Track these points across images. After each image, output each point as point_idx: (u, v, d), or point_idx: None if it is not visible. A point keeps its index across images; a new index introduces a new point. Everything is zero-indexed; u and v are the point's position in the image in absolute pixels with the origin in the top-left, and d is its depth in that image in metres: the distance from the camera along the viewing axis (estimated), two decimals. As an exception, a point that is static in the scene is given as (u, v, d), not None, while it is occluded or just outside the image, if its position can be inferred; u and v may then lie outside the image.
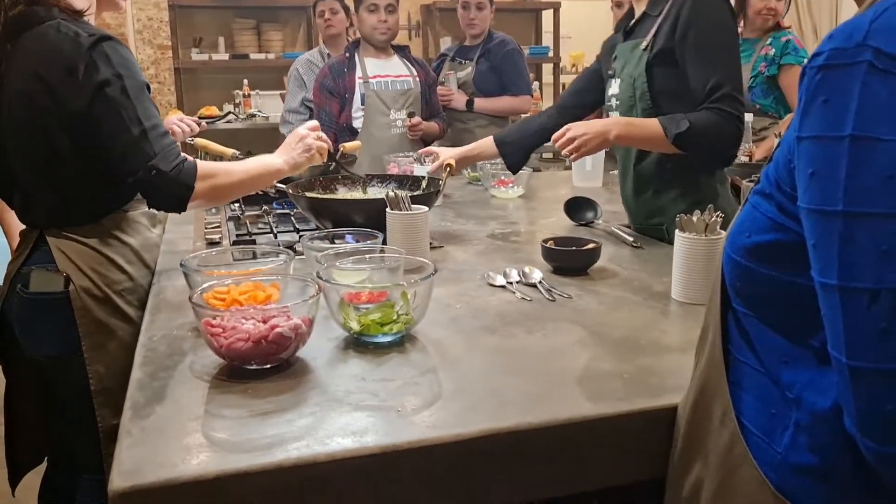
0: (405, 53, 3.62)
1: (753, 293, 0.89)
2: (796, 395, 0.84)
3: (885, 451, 0.70)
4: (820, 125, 0.74)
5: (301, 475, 0.96)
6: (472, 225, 2.34)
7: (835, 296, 0.72)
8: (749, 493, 0.87)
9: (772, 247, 0.84)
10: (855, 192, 0.71)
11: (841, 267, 0.71)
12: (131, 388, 1.16)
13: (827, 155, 0.73)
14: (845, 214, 0.71)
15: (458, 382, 1.18)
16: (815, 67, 0.75)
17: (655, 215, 2.09)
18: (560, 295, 1.59)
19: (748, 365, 0.90)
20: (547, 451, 1.07)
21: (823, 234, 0.73)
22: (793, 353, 0.85)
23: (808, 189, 0.75)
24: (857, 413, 0.71)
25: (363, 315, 1.31)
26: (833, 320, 0.73)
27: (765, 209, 0.86)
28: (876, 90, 0.70)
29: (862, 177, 0.70)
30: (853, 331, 0.71)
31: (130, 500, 0.90)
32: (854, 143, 0.71)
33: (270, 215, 2.36)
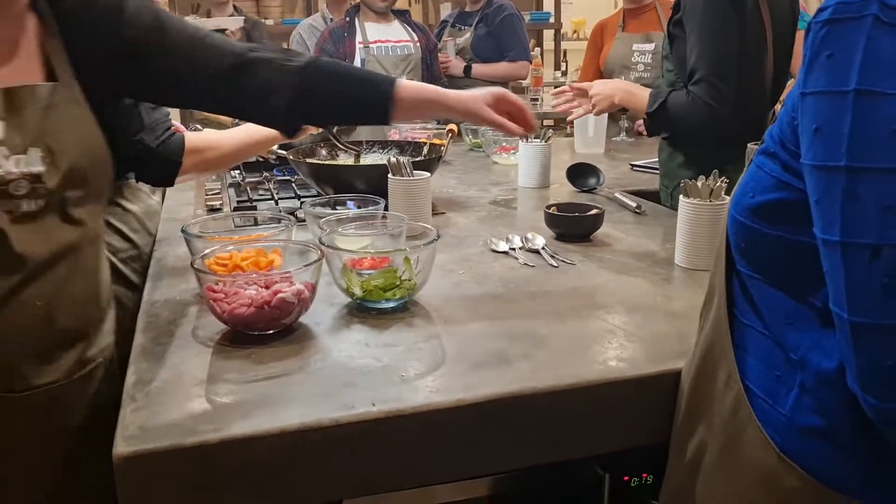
0: (406, 18, 3.59)
1: (758, 254, 0.88)
2: (801, 357, 0.84)
3: (886, 406, 0.70)
4: (825, 80, 0.73)
5: (304, 440, 0.96)
6: (474, 191, 2.33)
7: (837, 252, 0.72)
8: (753, 455, 0.87)
9: (776, 206, 0.84)
10: (858, 148, 0.70)
11: (843, 223, 0.71)
12: (134, 354, 1.16)
13: (831, 110, 0.72)
14: (848, 170, 0.70)
15: (460, 348, 1.18)
16: (819, 22, 0.74)
17: (668, 177, 2.14)
18: (563, 261, 1.59)
19: (752, 328, 0.90)
20: (550, 417, 1.07)
21: (826, 190, 0.73)
22: (797, 314, 0.85)
23: (812, 145, 0.74)
24: (858, 369, 0.71)
25: (366, 281, 1.31)
26: (835, 277, 0.72)
27: (769, 168, 0.85)
28: (881, 44, 0.69)
29: (865, 132, 0.70)
30: (855, 287, 0.70)
31: (134, 465, 0.91)
32: (858, 97, 0.70)
33: (271, 182, 2.35)
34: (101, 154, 1.25)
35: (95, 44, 1.26)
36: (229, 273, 1.29)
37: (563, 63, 6.86)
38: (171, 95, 1.41)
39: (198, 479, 0.94)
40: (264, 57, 1.37)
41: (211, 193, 2.16)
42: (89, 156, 1.22)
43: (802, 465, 0.83)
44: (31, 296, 1.17)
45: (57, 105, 1.18)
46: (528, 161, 2.35)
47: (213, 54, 1.35)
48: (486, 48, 3.94)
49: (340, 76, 1.43)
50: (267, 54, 1.38)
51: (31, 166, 1.13)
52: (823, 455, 0.82)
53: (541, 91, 5.50)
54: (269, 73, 1.36)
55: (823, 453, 0.82)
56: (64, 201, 1.19)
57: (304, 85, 1.37)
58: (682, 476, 1.02)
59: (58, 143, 1.16)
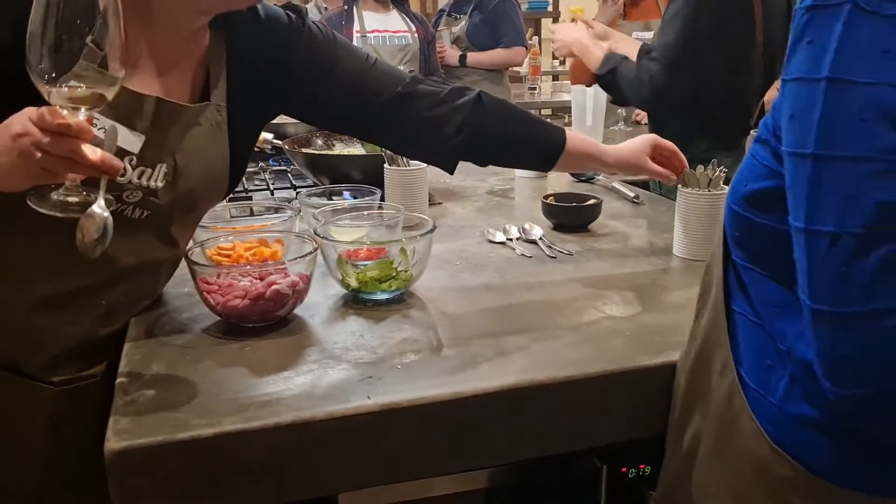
0: (404, 8, 3.57)
1: (751, 242, 0.89)
2: (788, 347, 0.84)
3: (845, 393, 0.70)
4: (803, 67, 0.73)
5: (299, 434, 0.95)
6: (471, 181, 2.31)
7: (801, 238, 0.72)
8: (746, 445, 0.87)
9: (767, 194, 0.84)
10: (826, 135, 0.70)
11: (807, 209, 0.71)
12: (127, 347, 1.15)
13: (805, 97, 0.72)
14: (815, 157, 0.70)
15: (457, 340, 1.17)
16: (803, 8, 0.74)
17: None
18: (560, 251, 1.58)
19: (745, 317, 0.90)
20: (547, 409, 1.06)
21: (796, 176, 0.73)
22: (785, 303, 0.84)
23: (789, 132, 0.75)
24: (818, 355, 0.71)
25: (361, 272, 1.30)
26: (800, 262, 0.73)
27: (761, 157, 0.86)
28: (858, 32, 0.69)
29: (834, 120, 0.70)
30: (815, 273, 0.71)
31: (126, 460, 0.90)
32: (830, 84, 0.70)
33: (267, 172, 2.33)
34: (221, 181, 1.25)
35: (261, 69, 1.26)
36: (234, 263, 1.28)
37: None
38: (330, 121, 1.42)
39: (191, 474, 0.93)
40: (432, 90, 1.37)
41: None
42: (209, 180, 1.22)
43: (794, 454, 0.82)
44: (100, 296, 1.18)
45: (199, 126, 1.17)
46: None
47: (381, 83, 1.34)
48: (481, 36, 3.92)
49: (513, 116, 1.43)
50: (435, 87, 1.37)
51: (151, 180, 1.12)
52: (814, 445, 0.82)
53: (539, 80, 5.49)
54: (438, 106, 1.36)
55: (814, 443, 0.82)
56: (169, 219, 1.20)
57: (474, 121, 1.36)
58: (678, 466, 1.01)
59: (185, 163, 1.16)
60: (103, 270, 1.15)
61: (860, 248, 0.67)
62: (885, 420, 0.72)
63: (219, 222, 1.55)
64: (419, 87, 1.36)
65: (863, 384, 0.69)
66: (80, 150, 0.85)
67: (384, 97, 1.33)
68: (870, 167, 0.67)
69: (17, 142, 0.85)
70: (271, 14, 1.28)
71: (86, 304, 1.18)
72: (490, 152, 1.45)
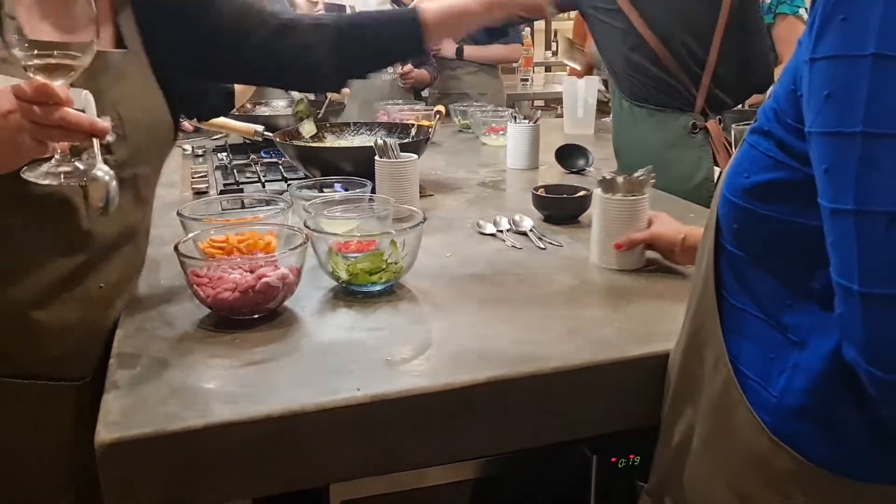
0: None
1: (753, 236, 0.87)
2: (801, 338, 0.82)
3: (891, 378, 0.68)
4: (839, 44, 0.70)
5: (289, 425, 0.95)
6: (462, 173, 2.32)
7: (849, 221, 0.69)
8: (744, 438, 0.87)
9: (772, 186, 0.82)
10: (877, 113, 0.67)
11: (858, 190, 0.68)
12: (117, 340, 1.15)
13: (847, 75, 0.70)
14: (865, 135, 0.68)
15: (447, 331, 1.17)
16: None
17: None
18: (550, 243, 1.58)
19: (746, 311, 0.89)
20: (537, 400, 1.07)
21: (838, 157, 0.70)
22: (794, 295, 0.83)
23: (822, 112, 0.72)
24: (866, 341, 0.69)
25: (352, 264, 1.30)
26: (843, 247, 0.70)
27: (764, 147, 0.83)
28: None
29: (885, 96, 0.67)
30: (869, 256, 0.68)
31: (117, 452, 0.90)
32: (877, 61, 0.67)
33: (258, 164, 2.33)
34: (167, 129, 1.27)
35: (166, 20, 1.27)
36: (228, 255, 1.28)
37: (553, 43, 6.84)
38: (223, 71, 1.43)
39: (182, 466, 0.93)
40: (298, 19, 1.40)
41: (197, 176, 2.14)
42: (156, 129, 1.24)
43: (794, 446, 0.82)
44: (95, 279, 1.18)
45: (128, 74, 1.18)
46: (516, 142, 2.34)
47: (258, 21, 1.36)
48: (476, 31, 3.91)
49: (367, 23, 1.46)
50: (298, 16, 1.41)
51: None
52: (815, 436, 0.82)
53: (531, 71, 5.48)
54: (307, 35, 1.38)
55: (815, 434, 0.82)
56: (136, 179, 1.21)
57: (342, 39, 1.40)
58: (670, 459, 1.01)
59: (128, 112, 1.17)
60: (80, 250, 1.15)
61: None
62: None
63: (211, 214, 1.55)
64: (286, 18, 1.39)
65: None
66: (69, 115, 0.89)
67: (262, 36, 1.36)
68: None
69: (9, 118, 0.88)
70: None
71: (80, 294, 1.17)
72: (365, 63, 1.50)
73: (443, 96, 3.82)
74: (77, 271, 1.16)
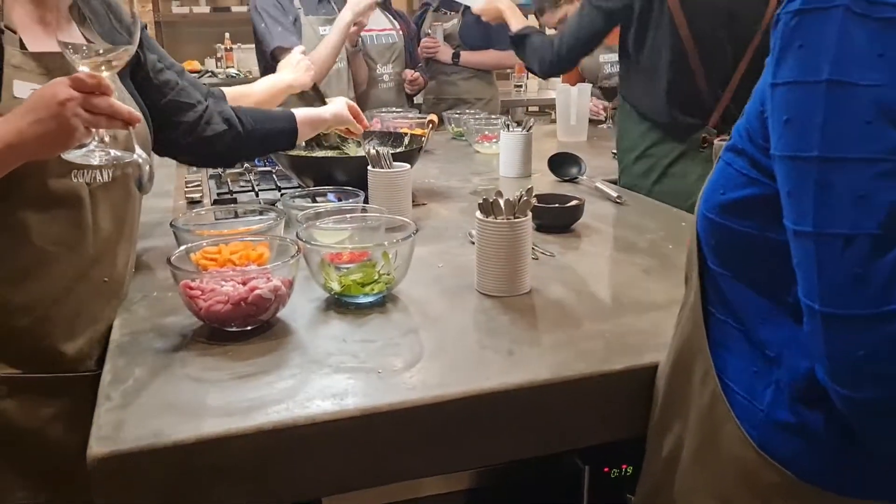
0: (387, 6, 3.56)
1: (729, 251, 0.88)
2: (776, 354, 0.84)
3: (858, 396, 0.70)
4: (796, 70, 0.73)
5: (281, 438, 0.96)
6: (455, 181, 2.32)
7: (810, 243, 0.72)
8: (731, 451, 0.87)
9: (746, 202, 0.84)
10: (832, 138, 0.70)
11: (816, 213, 0.71)
12: (110, 353, 1.15)
13: (803, 100, 0.72)
14: (821, 160, 0.70)
15: (439, 342, 1.18)
16: (790, 12, 0.74)
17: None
18: (542, 253, 1.59)
19: (729, 324, 0.90)
20: (528, 412, 1.07)
21: (798, 180, 0.73)
22: (770, 311, 0.85)
23: (783, 136, 0.74)
24: (829, 360, 0.71)
25: (344, 275, 1.30)
26: (807, 268, 0.72)
27: (738, 165, 0.85)
28: (854, 34, 0.70)
29: (839, 122, 0.70)
30: (827, 278, 0.70)
31: (109, 465, 0.90)
32: (831, 87, 0.70)
33: (252, 173, 2.33)
34: (145, 123, 1.35)
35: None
36: (222, 267, 1.28)
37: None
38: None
39: (174, 480, 0.93)
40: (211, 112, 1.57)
41: (191, 185, 2.14)
42: (141, 126, 1.29)
43: (780, 460, 0.83)
44: (100, 273, 1.27)
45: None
46: (509, 150, 2.35)
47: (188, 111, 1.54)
48: (473, 35, 3.90)
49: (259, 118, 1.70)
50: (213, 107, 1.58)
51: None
52: (801, 450, 0.82)
53: (524, 77, 5.49)
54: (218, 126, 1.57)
55: (801, 449, 0.82)
56: (126, 175, 1.29)
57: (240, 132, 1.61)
58: (658, 471, 1.02)
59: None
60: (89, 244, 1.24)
61: (876, 248, 0.68)
62: (886, 419, 0.72)
63: (204, 225, 1.55)
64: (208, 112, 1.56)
65: (879, 387, 0.69)
66: (116, 104, 1.06)
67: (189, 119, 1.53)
68: (880, 168, 0.68)
69: (67, 106, 1.01)
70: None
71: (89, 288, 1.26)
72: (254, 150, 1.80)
73: (438, 101, 3.82)
74: (85, 266, 1.24)
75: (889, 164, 0.68)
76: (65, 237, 1.21)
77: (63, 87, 1.02)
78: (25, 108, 1.03)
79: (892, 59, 0.68)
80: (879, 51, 0.69)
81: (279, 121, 1.73)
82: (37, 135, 1.02)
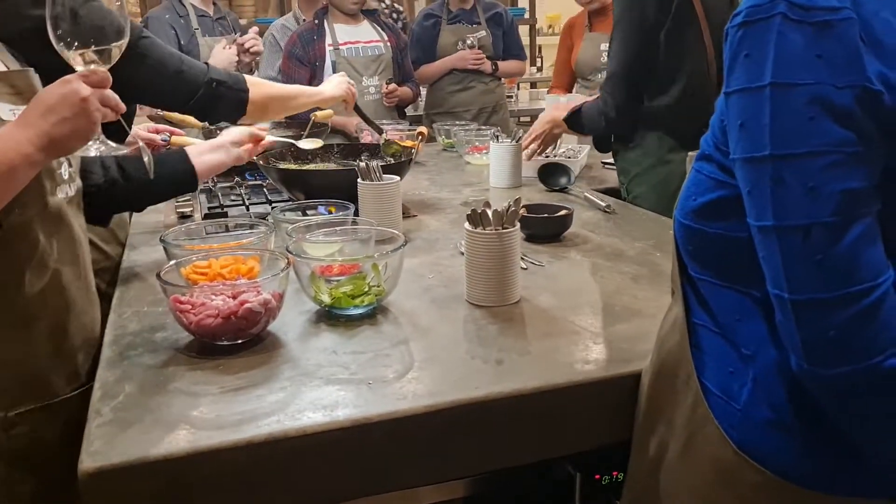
0: (375, 18, 3.58)
1: (704, 254, 0.92)
2: (752, 352, 0.87)
3: (833, 372, 0.74)
4: (744, 78, 0.78)
5: (272, 451, 0.96)
6: (445, 192, 2.33)
7: (772, 236, 0.76)
8: (712, 452, 0.89)
9: (716, 204, 0.88)
10: (779, 136, 0.75)
11: (774, 208, 0.76)
12: (101, 368, 1.16)
13: (752, 105, 0.77)
14: (773, 157, 0.75)
15: (429, 353, 1.19)
16: (735, 26, 0.80)
17: (621, 174, 2.28)
18: (532, 262, 1.60)
19: (705, 327, 0.93)
20: (519, 420, 1.08)
21: (756, 179, 0.77)
22: (745, 309, 0.88)
23: (740, 140, 0.79)
24: (803, 343, 0.75)
25: (334, 288, 1.31)
26: (772, 260, 0.77)
27: (707, 171, 0.90)
28: (791, 38, 0.75)
29: (784, 120, 0.75)
30: (792, 267, 0.75)
31: (100, 480, 0.91)
32: (774, 89, 0.75)
33: (242, 187, 2.34)
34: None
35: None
36: (212, 281, 1.29)
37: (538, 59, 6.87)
38: None
39: (166, 493, 0.94)
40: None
41: (182, 200, 2.14)
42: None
43: (758, 459, 0.85)
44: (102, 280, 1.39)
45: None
46: (498, 161, 2.36)
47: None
48: (496, 47, 4.00)
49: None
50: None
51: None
52: (778, 447, 0.84)
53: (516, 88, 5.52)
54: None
55: (778, 445, 0.84)
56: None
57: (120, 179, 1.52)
58: (644, 475, 1.03)
59: None
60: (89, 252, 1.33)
61: (832, 235, 0.73)
62: (862, 395, 0.75)
63: (194, 239, 1.56)
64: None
65: (846, 362, 0.73)
66: (116, 96, 1.12)
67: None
68: (826, 160, 0.73)
69: (90, 101, 1.07)
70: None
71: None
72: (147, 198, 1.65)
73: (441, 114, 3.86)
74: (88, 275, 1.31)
75: (833, 156, 0.73)
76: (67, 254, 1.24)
77: (81, 85, 1.07)
78: (44, 109, 1.06)
79: (829, 60, 0.73)
80: (817, 52, 0.74)
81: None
82: (65, 133, 1.07)
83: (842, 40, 0.73)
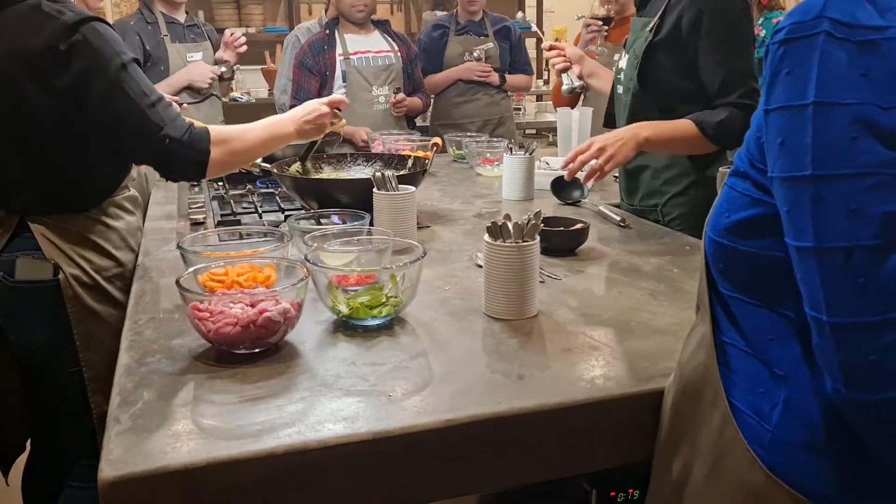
0: (386, 28, 3.59)
1: (736, 272, 0.91)
2: (785, 373, 0.85)
3: (873, 398, 0.72)
4: (785, 96, 0.77)
5: (292, 462, 0.95)
6: (458, 204, 2.33)
7: (811, 258, 0.75)
8: (741, 474, 0.88)
9: (750, 222, 0.87)
10: (821, 156, 0.74)
11: (815, 229, 0.74)
12: (118, 375, 1.15)
13: (793, 123, 0.76)
14: (814, 178, 0.74)
15: (447, 366, 1.18)
16: (776, 42, 0.79)
17: (653, 196, 2.11)
18: (548, 276, 1.59)
19: (735, 346, 0.92)
20: (537, 436, 1.07)
21: (795, 199, 0.76)
22: (778, 329, 0.86)
23: (779, 158, 0.78)
24: (842, 367, 0.73)
25: (352, 298, 1.30)
26: (810, 282, 0.75)
27: (741, 188, 0.88)
28: (835, 57, 0.74)
29: (826, 140, 0.74)
30: (832, 289, 0.73)
31: (120, 489, 0.90)
32: (817, 108, 0.74)
33: (255, 194, 2.34)
34: None
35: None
36: (228, 289, 1.28)
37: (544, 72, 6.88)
38: None
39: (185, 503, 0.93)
40: None
41: (194, 207, 2.14)
42: None
43: (790, 481, 0.83)
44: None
45: None
46: (511, 173, 2.35)
47: None
48: (503, 61, 4.00)
49: None
50: None
51: None
52: (810, 470, 0.83)
53: (523, 101, 5.52)
54: None
55: (810, 468, 0.83)
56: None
57: None
58: (666, 495, 1.02)
59: None
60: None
61: (874, 258, 0.71)
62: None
63: (209, 247, 1.55)
64: None
65: (887, 387, 0.71)
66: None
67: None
68: (869, 182, 0.72)
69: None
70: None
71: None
72: None
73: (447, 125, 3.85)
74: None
75: (877, 177, 0.72)
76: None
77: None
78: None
79: (873, 79, 0.73)
80: (861, 71, 0.73)
81: None
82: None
83: (887, 59, 0.72)
